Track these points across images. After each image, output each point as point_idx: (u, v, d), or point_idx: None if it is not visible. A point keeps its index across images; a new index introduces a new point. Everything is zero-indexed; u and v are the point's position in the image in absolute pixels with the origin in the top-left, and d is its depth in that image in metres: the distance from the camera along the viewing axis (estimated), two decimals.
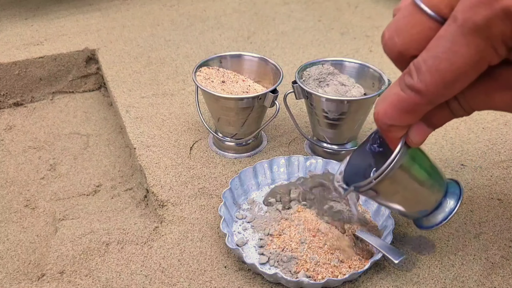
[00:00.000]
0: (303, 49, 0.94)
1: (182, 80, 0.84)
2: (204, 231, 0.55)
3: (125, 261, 0.52)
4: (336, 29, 1.02)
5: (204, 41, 0.97)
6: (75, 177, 0.72)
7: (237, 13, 1.09)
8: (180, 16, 1.08)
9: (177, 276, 0.50)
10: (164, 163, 0.65)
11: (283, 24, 1.05)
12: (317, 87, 0.62)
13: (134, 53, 0.92)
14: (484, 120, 0.73)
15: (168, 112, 0.75)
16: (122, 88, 0.82)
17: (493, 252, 0.52)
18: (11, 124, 0.84)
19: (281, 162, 0.61)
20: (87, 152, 0.77)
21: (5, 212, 0.65)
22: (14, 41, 0.95)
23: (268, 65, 0.66)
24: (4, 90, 0.88)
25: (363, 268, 0.47)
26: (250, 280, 0.49)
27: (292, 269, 0.48)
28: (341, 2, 1.16)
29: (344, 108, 0.58)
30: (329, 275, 0.47)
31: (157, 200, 0.59)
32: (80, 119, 0.86)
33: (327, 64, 0.65)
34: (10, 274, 0.55)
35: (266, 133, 0.71)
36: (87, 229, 0.58)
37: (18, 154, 0.77)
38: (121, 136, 0.80)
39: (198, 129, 0.71)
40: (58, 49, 0.91)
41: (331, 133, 0.62)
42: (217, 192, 0.60)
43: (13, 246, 0.59)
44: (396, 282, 0.48)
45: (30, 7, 1.11)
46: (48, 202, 0.67)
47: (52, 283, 0.50)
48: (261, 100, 0.61)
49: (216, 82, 0.64)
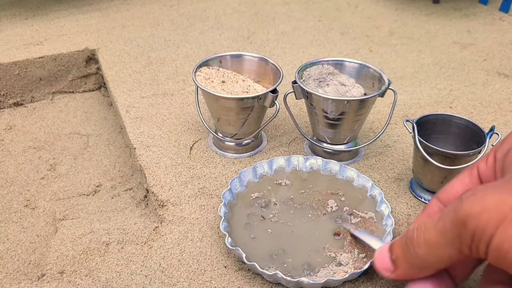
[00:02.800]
0: (303, 49, 0.94)
1: (182, 80, 0.84)
2: (204, 231, 0.55)
3: (125, 261, 0.52)
4: (336, 29, 1.02)
5: (204, 41, 0.97)
6: (75, 177, 0.72)
7: (237, 13, 1.09)
8: (180, 16, 1.08)
9: (177, 276, 0.50)
10: (164, 163, 0.65)
11: (283, 24, 1.05)
12: (317, 87, 0.62)
13: (134, 53, 0.92)
14: (483, 120, 0.73)
15: (168, 112, 0.75)
16: (122, 88, 0.82)
17: None
18: (11, 124, 0.84)
19: (281, 162, 0.61)
20: (87, 152, 0.77)
21: (5, 212, 0.65)
22: (14, 41, 0.95)
23: (268, 65, 0.66)
24: (4, 90, 0.88)
25: (363, 268, 0.47)
26: (250, 280, 0.49)
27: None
28: (341, 2, 1.16)
29: (344, 108, 0.58)
30: (329, 275, 0.47)
31: (157, 200, 0.59)
32: (80, 119, 0.86)
33: (327, 64, 0.65)
34: (10, 274, 0.55)
35: (266, 133, 0.71)
36: (87, 229, 0.58)
37: (18, 154, 0.77)
38: (121, 136, 0.80)
39: (198, 129, 0.71)
40: (58, 49, 0.91)
41: (331, 133, 0.62)
42: (217, 192, 0.60)
43: (13, 246, 0.59)
44: (396, 282, 0.48)
45: (30, 7, 1.11)
46: (48, 202, 0.67)
47: (52, 283, 0.50)
48: (261, 100, 0.61)
49: (216, 82, 0.64)
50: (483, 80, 0.84)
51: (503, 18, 1.08)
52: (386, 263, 0.39)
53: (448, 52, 0.94)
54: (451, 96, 0.79)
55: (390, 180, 0.62)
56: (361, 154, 0.66)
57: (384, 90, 0.60)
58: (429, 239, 0.34)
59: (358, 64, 0.64)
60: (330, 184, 0.59)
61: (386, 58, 0.91)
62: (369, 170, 0.63)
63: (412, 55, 0.92)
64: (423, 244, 0.35)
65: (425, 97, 0.79)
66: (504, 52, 0.93)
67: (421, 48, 0.95)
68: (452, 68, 0.88)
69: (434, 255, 0.35)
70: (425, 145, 0.54)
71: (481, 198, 0.32)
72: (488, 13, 1.10)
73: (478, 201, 0.32)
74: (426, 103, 0.78)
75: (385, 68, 0.88)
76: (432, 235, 0.34)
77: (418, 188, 0.59)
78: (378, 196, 0.56)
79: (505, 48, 0.95)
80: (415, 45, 0.96)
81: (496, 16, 1.08)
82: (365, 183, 0.58)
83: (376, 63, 0.89)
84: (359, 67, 0.64)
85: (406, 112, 0.75)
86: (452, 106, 0.77)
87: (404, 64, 0.89)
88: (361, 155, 0.66)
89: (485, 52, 0.93)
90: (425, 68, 0.88)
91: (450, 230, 0.33)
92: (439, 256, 0.34)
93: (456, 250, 0.33)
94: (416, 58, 0.91)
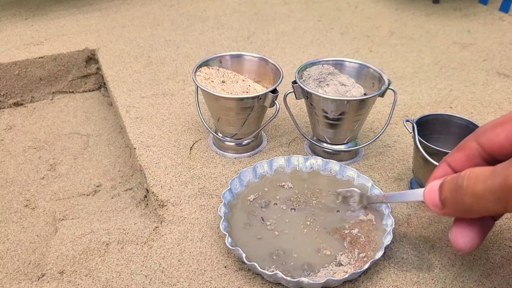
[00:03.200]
0: (303, 49, 0.94)
1: (182, 80, 0.84)
2: (204, 231, 0.55)
3: (125, 261, 0.52)
4: (336, 29, 1.02)
5: (204, 41, 0.97)
6: (75, 177, 0.72)
7: (237, 13, 1.09)
8: (180, 16, 1.08)
9: (177, 276, 0.50)
10: (164, 163, 0.65)
11: (283, 24, 1.05)
12: (317, 87, 0.62)
13: (134, 53, 0.92)
14: (484, 121, 0.73)
15: (168, 112, 0.75)
16: (122, 88, 0.82)
17: (493, 252, 0.52)
18: (11, 124, 0.84)
19: (281, 162, 0.61)
20: (87, 152, 0.77)
21: (5, 212, 0.65)
22: (14, 41, 0.95)
23: (268, 65, 0.66)
24: (4, 90, 0.88)
25: (363, 268, 0.47)
26: (250, 280, 0.49)
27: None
28: (341, 2, 1.16)
29: (344, 108, 0.58)
30: (329, 275, 0.47)
31: (157, 200, 0.59)
32: (80, 119, 0.86)
33: (327, 64, 0.65)
34: (10, 274, 0.55)
35: (266, 133, 0.71)
36: (87, 229, 0.58)
37: (18, 154, 0.77)
38: (121, 136, 0.80)
39: (198, 129, 0.71)
40: (58, 49, 0.91)
41: (331, 133, 0.62)
42: (217, 192, 0.60)
43: (13, 246, 0.59)
44: (396, 282, 0.48)
45: (30, 7, 1.11)
46: (48, 202, 0.67)
47: (52, 283, 0.50)
48: (261, 100, 0.61)
49: (216, 82, 0.64)
50: (483, 80, 0.84)
51: (503, 18, 1.08)
52: (435, 200, 0.40)
53: (448, 52, 0.94)
54: (451, 96, 0.79)
55: (390, 180, 0.62)
56: (361, 154, 0.66)
57: (384, 90, 0.60)
58: (478, 192, 0.36)
59: (358, 64, 0.64)
60: (330, 184, 0.59)
61: (386, 58, 0.91)
62: (369, 170, 0.63)
63: (412, 55, 0.92)
64: (471, 195, 0.36)
65: (425, 97, 0.79)
66: (504, 52, 0.93)
67: (421, 48, 0.95)
68: (452, 68, 0.88)
69: (480, 206, 0.36)
70: (425, 145, 0.54)
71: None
72: (488, 13, 1.10)
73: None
74: (426, 103, 0.78)
75: (385, 68, 0.88)
76: (480, 189, 0.36)
77: (418, 188, 0.59)
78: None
79: (505, 48, 0.95)
80: (415, 45, 0.96)
81: (496, 16, 1.08)
82: (365, 183, 0.58)
83: (376, 63, 0.89)
84: (359, 67, 0.64)
85: (406, 112, 0.75)
86: (452, 106, 0.77)
87: (404, 64, 0.89)
88: (361, 155, 0.66)
89: (485, 52, 0.93)
90: (425, 68, 0.88)
91: (498, 190, 0.34)
92: (484, 208, 0.36)
93: (501, 207, 0.35)
94: (416, 58, 0.91)
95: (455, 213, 0.39)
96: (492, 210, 0.36)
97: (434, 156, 0.53)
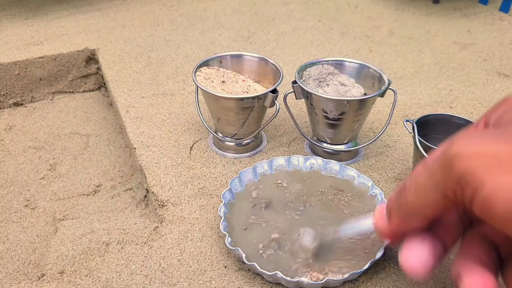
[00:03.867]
0: (303, 49, 0.94)
1: (182, 80, 0.84)
2: (204, 231, 0.55)
3: (125, 261, 0.52)
4: (336, 29, 1.02)
5: (204, 41, 0.97)
6: (75, 177, 0.72)
7: (237, 13, 1.09)
8: (180, 16, 1.08)
9: (177, 276, 0.50)
10: (164, 163, 0.65)
11: (283, 24, 1.05)
12: (317, 87, 0.62)
13: (134, 53, 0.92)
14: None
15: (168, 112, 0.75)
16: (122, 88, 0.82)
17: None
18: (11, 124, 0.84)
19: (281, 162, 0.61)
20: (87, 152, 0.77)
21: (5, 212, 0.65)
22: (14, 41, 0.95)
23: (268, 65, 0.66)
24: (4, 90, 0.88)
25: (363, 268, 0.47)
26: (250, 280, 0.49)
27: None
28: (341, 2, 1.16)
29: (344, 108, 0.58)
30: (329, 275, 0.47)
31: (157, 200, 0.59)
32: (80, 119, 0.86)
33: (327, 64, 0.65)
34: (10, 274, 0.55)
35: (266, 133, 0.71)
36: (87, 229, 0.58)
37: (18, 154, 0.77)
38: (121, 136, 0.80)
39: (198, 129, 0.71)
40: (58, 49, 0.91)
41: (331, 133, 0.62)
42: (217, 192, 0.60)
43: (13, 246, 0.59)
44: (396, 282, 0.48)
45: (30, 7, 1.11)
46: (48, 202, 0.67)
47: (52, 283, 0.50)
48: (261, 100, 0.61)
49: (216, 82, 0.64)
50: (483, 80, 0.84)
51: (503, 18, 1.08)
52: (383, 218, 0.37)
53: (448, 52, 0.94)
54: (451, 96, 0.79)
55: (390, 180, 0.62)
56: (361, 154, 0.66)
57: (384, 90, 0.60)
58: (419, 182, 0.33)
59: (358, 64, 0.64)
60: (330, 184, 0.59)
61: (386, 58, 0.91)
62: (369, 170, 0.63)
63: (412, 55, 0.92)
64: (413, 189, 0.33)
65: (425, 97, 0.79)
66: (504, 52, 0.93)
67: (421, 48, 0.95)
68: (452, 68, 0.88)
69: (420, 200, 0.33)
70: (425, 145, 0.54)
71: (475, 142, 0.29)
72: (488, 13, 1.10)
73: (470, 144, 0.29)
74: (426, 103, 0.78)
75: (385, 68, 0.88)
76: (421, 179, 0.33)
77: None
78: (378, 195, 0.56)
79: (505, 48, 0.95)
80: (415, 45, 0.96)
81: (496, 16, 1.09)
82: (365, 183, 0.58)
83: (376, 63, 0.89)
84: (359, 67, 0.64)
85: (406, 112, 0.75)
86: (452, 106, 0.77)
87: (404, 64, 0.89)
88: (361, 155, 0.66)
89: (485, 52, 0.93)
90: (425, 68, 0.88)
91: (437, 171, 0.31)
92: (425, 201, 0.33)
93: (441, 194, 0.31)
94: (416, 58, 0.91)
95: (399, 220, 0.36)
96: (433, 201, 0.32)
97: None
